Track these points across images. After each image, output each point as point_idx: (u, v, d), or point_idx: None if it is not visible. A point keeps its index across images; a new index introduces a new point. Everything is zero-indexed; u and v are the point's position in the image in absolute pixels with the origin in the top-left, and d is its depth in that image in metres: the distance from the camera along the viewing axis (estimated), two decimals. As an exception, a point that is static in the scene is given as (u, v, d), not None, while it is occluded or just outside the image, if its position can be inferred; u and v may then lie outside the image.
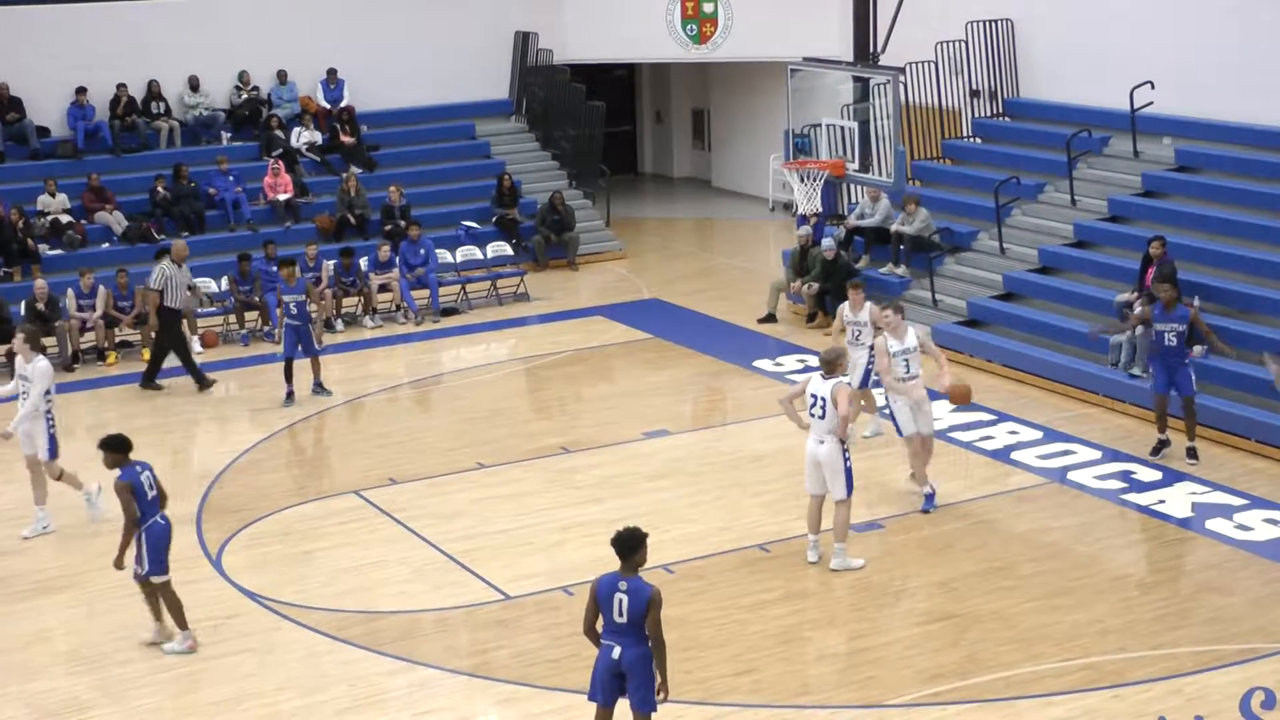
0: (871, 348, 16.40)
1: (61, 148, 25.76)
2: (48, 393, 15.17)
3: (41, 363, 15.24)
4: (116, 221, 24.63)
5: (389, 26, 28.48)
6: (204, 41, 27.18)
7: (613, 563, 14.13)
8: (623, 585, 9.82)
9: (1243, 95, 21.25)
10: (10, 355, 20.90)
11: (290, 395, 19.39)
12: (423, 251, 24.01)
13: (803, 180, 22.85)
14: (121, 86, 26.13)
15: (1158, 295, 16.77)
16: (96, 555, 14.76)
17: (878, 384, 16.18)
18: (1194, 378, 16.44)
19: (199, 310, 22.71)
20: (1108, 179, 22.24)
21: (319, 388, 19.63)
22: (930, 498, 15.33)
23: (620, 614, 9.80)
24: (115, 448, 12.43)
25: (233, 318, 22.74)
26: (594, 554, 14.09)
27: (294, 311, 19.19)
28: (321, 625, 13.17)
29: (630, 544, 9.88)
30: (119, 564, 12.42)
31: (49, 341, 21.49)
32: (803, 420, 13.90)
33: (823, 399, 13.59)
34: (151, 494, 12.42)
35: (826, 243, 22.25)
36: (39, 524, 15.45)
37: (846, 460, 13.77)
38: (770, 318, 22.54)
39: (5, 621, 13.52)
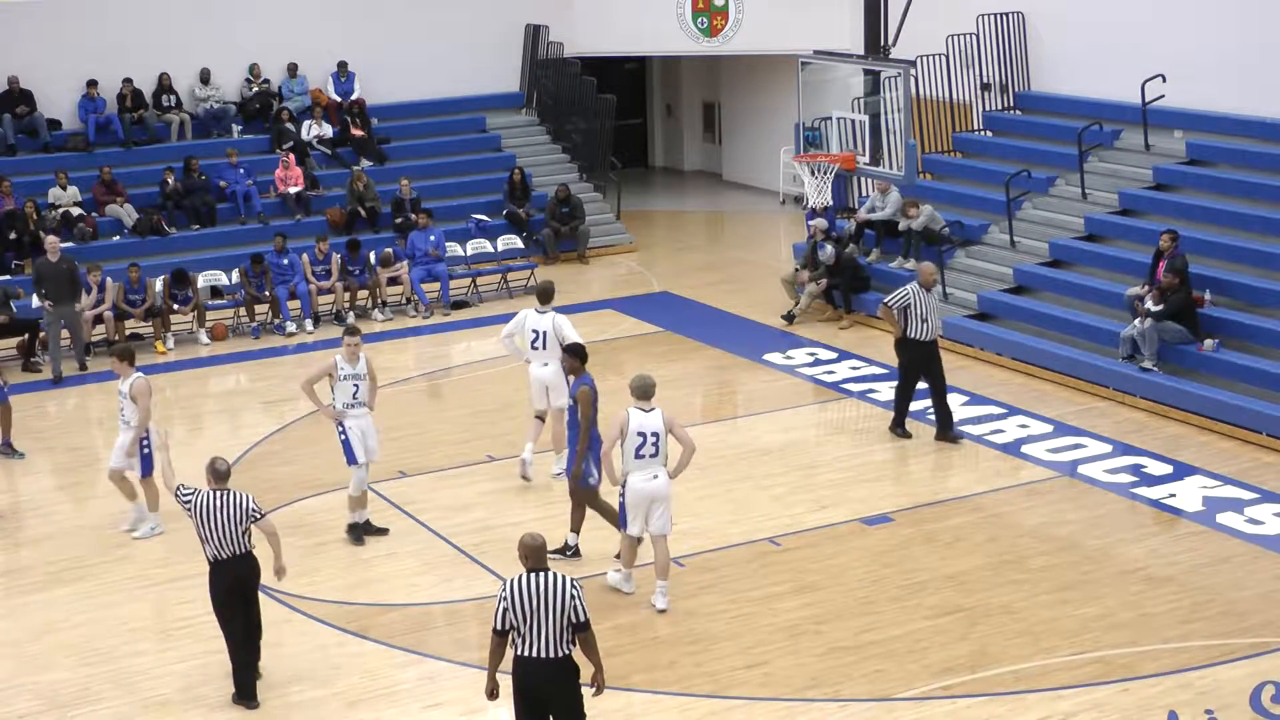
0: (348, 414, 14.49)
1: (72, 141, 25.79)
2: None
3: None
4: (127, 214, 24.67)
5: (400, 19, 28.49)
6: (215, 34, 27.21)
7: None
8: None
9: (1254, 89, 21.20)
10: (21, 349, 21.10)
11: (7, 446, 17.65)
12: (432, 238, 24.02)
13: (813, 174, 22.83)
14: (126, 82, 26.14)
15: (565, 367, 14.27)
16: (108, 547, 14.83)
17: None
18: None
19: (209, 303, 22.76)
20: (1119, 172, 22.19)
21: (7, 448, 17.66)
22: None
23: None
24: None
25: (243, 310, 22.77)
26: (604, 547, 14.11)
27: None
28: (332, 618, 13.21)
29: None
30: None
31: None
32: (616, 475, 13.00)
33: (654, 434, 12.93)
34: None
35: (826, 252, 22.16)
36: None
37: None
38: (792, 316, 22.27)
39: (17, 613, 13.57)
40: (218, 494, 11.75)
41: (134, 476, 15.03)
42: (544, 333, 15.77)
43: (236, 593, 11.71)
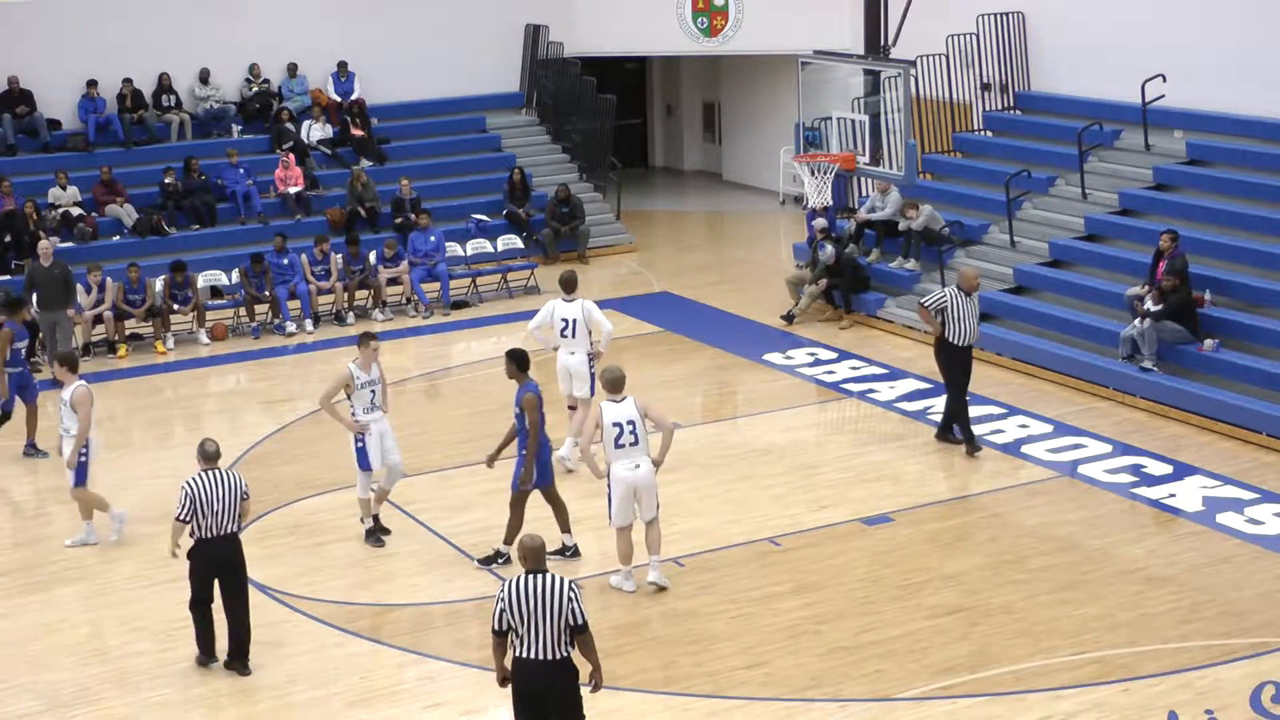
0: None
1: (72, 141, 25.79)
2: None
3: None
4: (127, 214, 24.66)
5: (400, 19, 28.48)
6: (215, 34, 27.21)
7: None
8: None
9: (1254, 88, 21.18)
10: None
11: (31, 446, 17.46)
12: (433, 239, 24.04)
13: (813, 174, 22.82)
14: (126, 82, 26.14)
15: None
16: (108, 547, 14.82)
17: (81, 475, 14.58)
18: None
19: (209, 303, 22.75)
20: (1119, 172, 22.19)
21: (31, 448, 17.47)
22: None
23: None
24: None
25: (243, 310, 22.77)
26: (604, 547, 14.10)
27: (22, 355, 17.47)
28: (332, 618, 13.20)
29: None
30: None
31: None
32: (600, 470, 13.28)
33: (630, 422, 13.06)
34: None
35: (826, 252, 22.13)
36: None
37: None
38: (791, 316, 22.24)
39: (17, 613, 13.56)
40: (211, 474, 11.98)
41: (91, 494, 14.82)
42: (574, 320, 15.96)
43: (224, 567, 11.95)
